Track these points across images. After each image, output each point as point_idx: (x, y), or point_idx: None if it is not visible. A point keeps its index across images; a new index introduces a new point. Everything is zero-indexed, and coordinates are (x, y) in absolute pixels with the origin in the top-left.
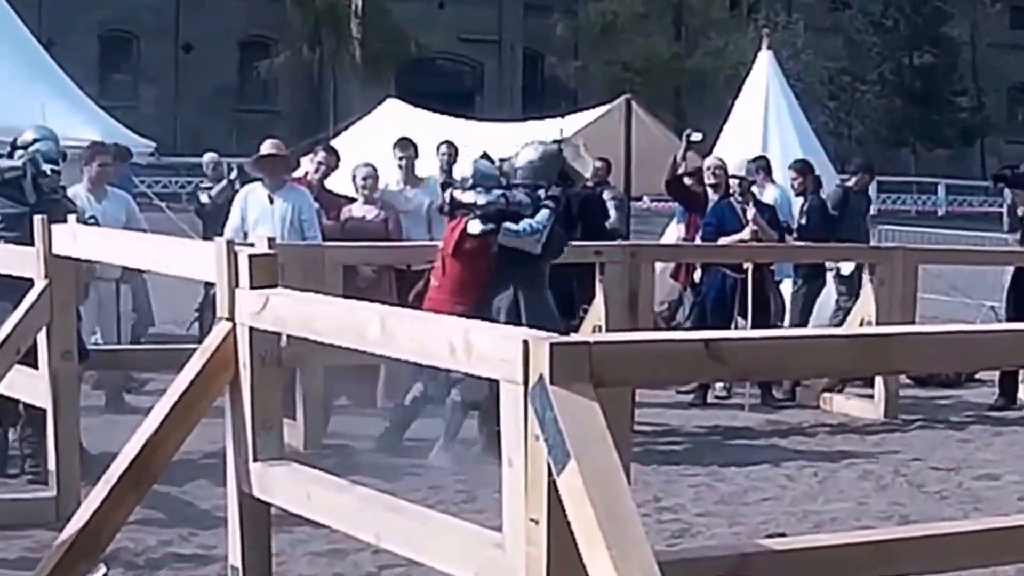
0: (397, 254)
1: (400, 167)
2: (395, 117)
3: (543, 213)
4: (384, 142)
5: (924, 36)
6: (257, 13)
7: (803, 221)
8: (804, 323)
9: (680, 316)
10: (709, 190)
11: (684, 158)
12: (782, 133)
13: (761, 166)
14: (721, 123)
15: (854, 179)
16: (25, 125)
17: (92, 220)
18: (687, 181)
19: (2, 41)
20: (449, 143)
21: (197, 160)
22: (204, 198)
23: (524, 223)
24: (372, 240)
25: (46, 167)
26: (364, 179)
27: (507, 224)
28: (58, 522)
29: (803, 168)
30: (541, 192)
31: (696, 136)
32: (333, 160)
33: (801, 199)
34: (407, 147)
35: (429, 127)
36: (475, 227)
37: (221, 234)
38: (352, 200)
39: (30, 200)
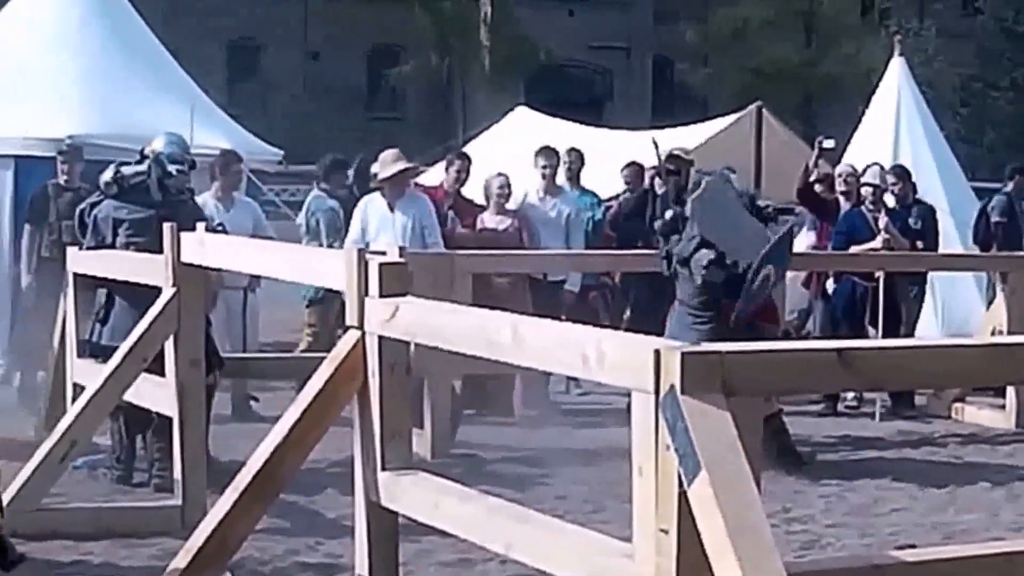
0: (528, 262)
1: (543, 176)
2: (525, 125)
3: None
4: (514, 150)
5: None
6: (385, 21)
7: (917, 227)
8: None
9: (810, 325)
10: (840, 197)
11: (816, 165)
12: (913, 140)
13: (897, 173)
14: (852, 130)
15: (1011, 184)
16: (155, 134)
17: (220, 228)
18: (818, 188)
19: (131, 50)
20: (573, 150)
21: None
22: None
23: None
24: (506, 250)
25: (171, 167)
26: (500, 188)
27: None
28: (184, 530)
29: (902, 173)
30: None
31: (828, 143)
32: (467, 166)
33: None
34: (551, 156)
35: (559, 135)
36: None
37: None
38: (476, 206)
39: (156, 199)
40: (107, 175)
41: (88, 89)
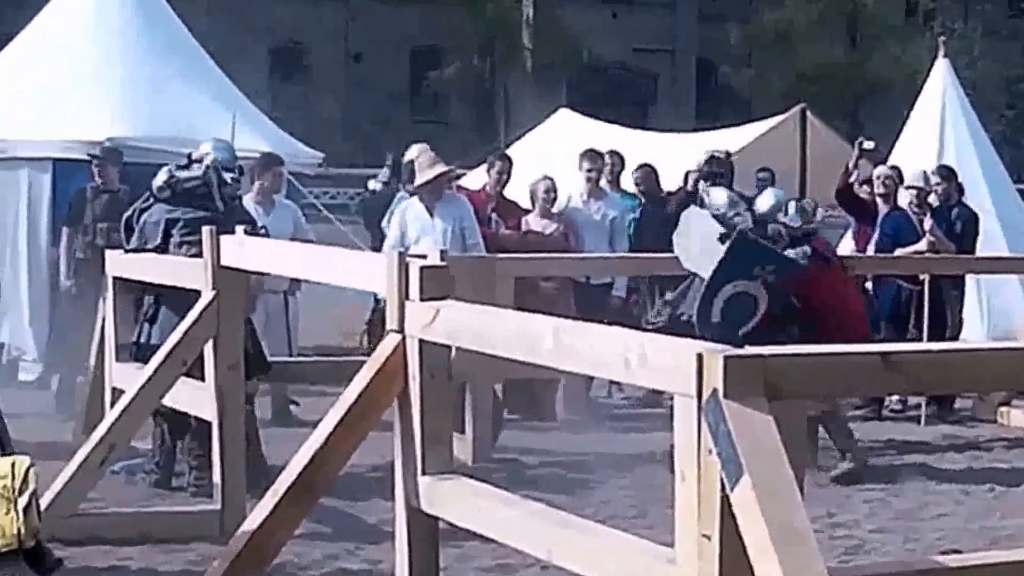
0: (571, 265)
1: (588, 179)
2: (567, 127)
3: None
4: (556, 152)
5: None
6: (427, 23)
7: (957, 230)
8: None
9: None
10: (878, 200)
11: (856, 166)
12: (958, 142)
13: (943, 174)
14: (896, 133)
15: None
16: (198, 137)
17: (264, 231)
18: (864, 190)
19: (173, 53)
20: (614, 153)
21: (367, 171)
22: (374, 185)
23: None
24: (551, 253)
25: (227, 176)
26: (546, 192)
27: None
28: (222, 535)
29: (947, 174)
30: None
31: (869, 144)
32: (509, 167)
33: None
34: (596, 159)
35: (602, 137)
36: None
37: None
38: (519, 208)
39: (220, 208)
40: (160, 179)
41: (127, 91)
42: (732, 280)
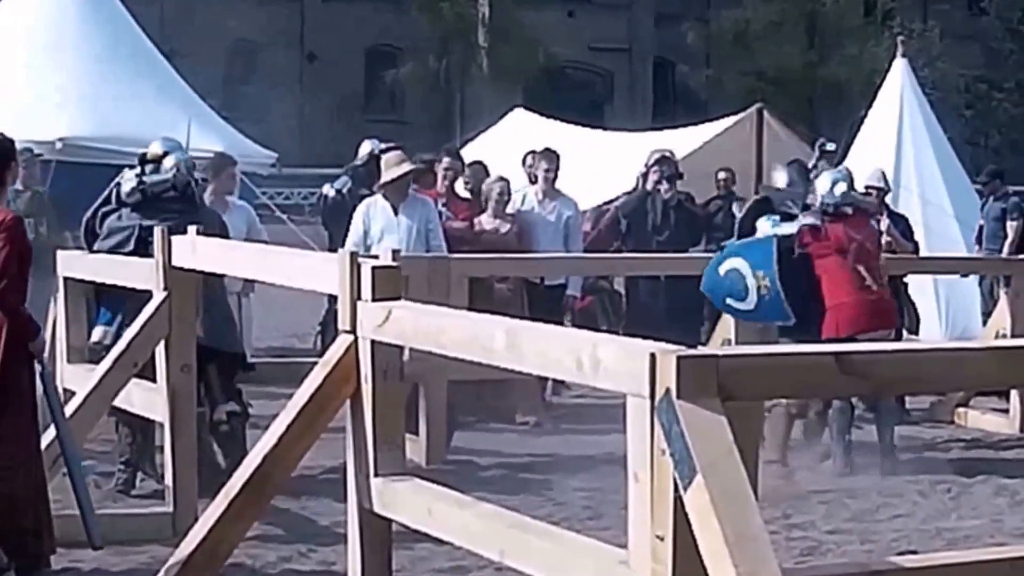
0: (527, 266)
1: (546, 179)
2: (523, 127)
3: None
4: (511, 153)
5: None
6: (383, 22)
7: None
8: None
9: None
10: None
11: (815, 167)
12: (917, 143)
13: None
14: (855, 133)
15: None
16: (150, 138)
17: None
18: None
19: (126, 53)
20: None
21: (320, 171)
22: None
23: None
24: (504, 254)
25: (196, 175)
26: (499, 194)
27: None
28: (175, 537)
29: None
30: None
31: (830, 146)
32: (459, 164)
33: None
34: (553, 159)
35: (557, 137)
36: None
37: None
38: (472, 205)
39: (187, 208)
40: (128, 185)
41: (80, 92)
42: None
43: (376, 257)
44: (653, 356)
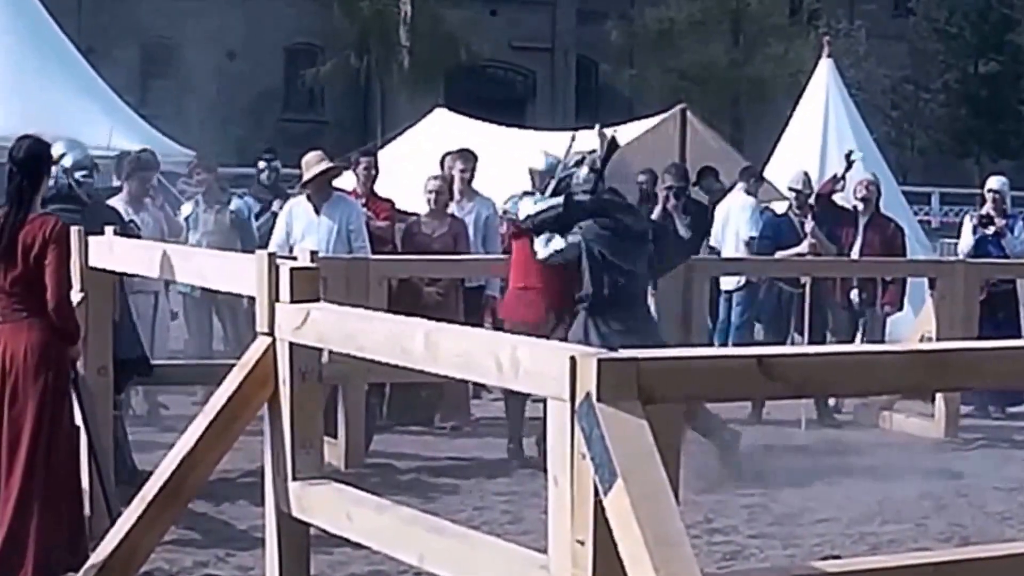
0: (445, 267)
1: (462, 179)
2: (444, 126)
3: None
4: (432, 152)
5: (990, 44)
6: (303, 20)
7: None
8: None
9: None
10: (859, 204)
11: (843, 177)
12: (842, 143)
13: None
14: (779, 133)
15: None
16: (66, 134)
17: (132, 225)
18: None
19: (40, 49)
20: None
21: (240, 170)
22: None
23: None
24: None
25: (78, 174)
26: (438, 193)
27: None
28: (91, 541)
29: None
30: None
31: (857, 154)
32: (376, 163)
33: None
34: (469, 159)
35: (478, 136)
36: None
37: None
38: (394, 206)
39: (71, 208)
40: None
41: None
42: None
43: (295, 258)
44: (573, 359)
